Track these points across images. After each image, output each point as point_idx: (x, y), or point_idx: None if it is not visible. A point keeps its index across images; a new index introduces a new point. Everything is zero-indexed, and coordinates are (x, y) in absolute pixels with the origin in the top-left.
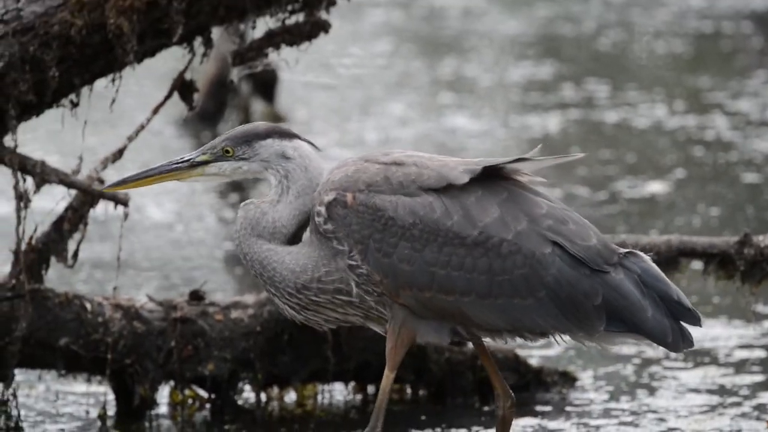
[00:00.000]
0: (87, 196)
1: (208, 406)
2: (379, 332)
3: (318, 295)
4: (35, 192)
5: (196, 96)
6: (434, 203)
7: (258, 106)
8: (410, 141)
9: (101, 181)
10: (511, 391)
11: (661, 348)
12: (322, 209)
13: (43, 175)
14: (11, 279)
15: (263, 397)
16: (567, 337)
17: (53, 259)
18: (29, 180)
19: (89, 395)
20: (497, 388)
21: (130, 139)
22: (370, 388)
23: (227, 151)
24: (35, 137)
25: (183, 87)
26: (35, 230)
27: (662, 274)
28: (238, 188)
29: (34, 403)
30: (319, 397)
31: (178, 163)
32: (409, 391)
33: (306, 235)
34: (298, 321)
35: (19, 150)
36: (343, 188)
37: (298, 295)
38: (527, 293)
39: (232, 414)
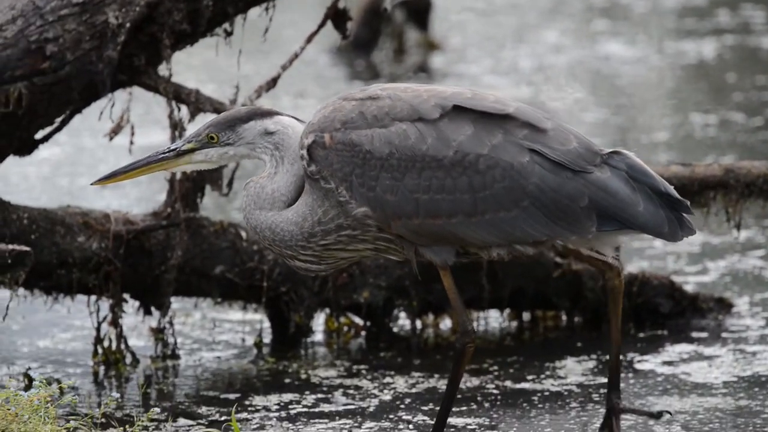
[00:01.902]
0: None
1: (363, 333)
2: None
3: (325, 237)
4: (190, 121)
5: (349, 24)
6: (408, 130)
7: (412, 33)
8: (564, 68)
9: None
10: (616, 263)
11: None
12: (305, 152)
13: (198, 103)
14: (166, 208)
15: (418, 324)
16: (561, 243)
17: (208, 188)
18: (184, 109)
19: (245, 323)
20: (601, 266)
21: (284, 67)
22: (525, 315)
23: (212, 138)
24: (189, 66)
25: (337, 15)
26: None
27: (648, 168)
28: None
29: (190, 330)
30: (474, 324)
31: (164, 153)
32: (564, 318)
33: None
34: (322, 274)
35: (173, 79)
36: (321, 129)
37: (308, 245)
38: (512, 205)
39: (387, 341)
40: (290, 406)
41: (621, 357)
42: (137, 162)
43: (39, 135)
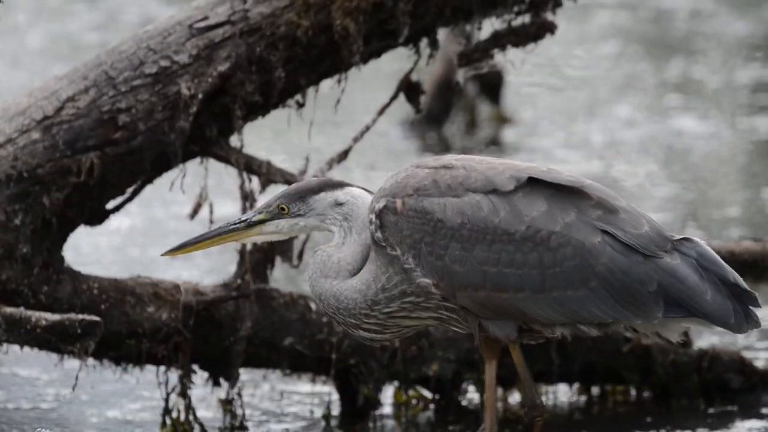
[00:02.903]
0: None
1: (432, 406)
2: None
3: (388, 305)
4: (261, 192)
5: (422, 97)
6: (481, 202)
7: (484, 107)
8: (636, 143)
9: None
10: (539, 401)
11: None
12: (373, 217)
13: (269, 175)
14: (236, 279)
15: None
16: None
17: (278, 259)
18: (255, 180)
19: (314, 395)
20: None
21: (356, 140)
22: (595, 390)
23: (283, 209)
24: (261, 137)
25: (409, 88)
26: None
27: (718, 258)
28: None
29: (259, 402)
30: (544, 398)
31: (235, 224)
32: (633, 393)
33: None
34: (386, 343)
35: (245, 150)
36: (392, 194)
37: (372, 313)
38: (580, 284)
39: (456, 415)
40: None
41: None
42: (208, 233)
43: (110, 205)
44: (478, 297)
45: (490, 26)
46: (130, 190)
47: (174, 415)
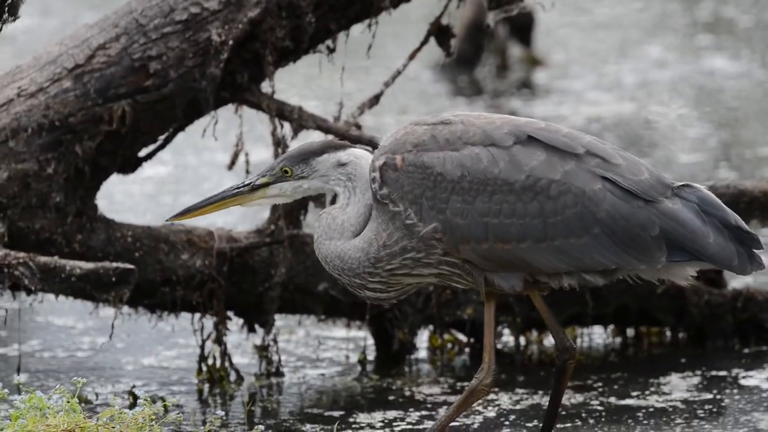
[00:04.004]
0: (345, 142)
1: (467, 350)
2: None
3: (390, 262)
4: (293, 138)
5: (452, 41)
6: (480, 154)
7: (515, 49)
8: (667, 84)
9: (358, 127)
10: (569, 344)
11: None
12: (376, 175)
13: (301, 120)
14: (270, 225)
15: (522, 340)
16: (631, 273)
17: (311, 205)
18: (287, 126)
19: (349, 340)
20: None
21: (387, 84)
22: (629, 332)
23: (286, 172)
24: (292, 83)
25: (440, 32)
26: None
27: (719, 202)
28: None
29: (294, 348)
30: (578, 341)
31: (239, 187)
32: (668, 334)
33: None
34: (390, 302)
35: (276, 96)
36: (392, 151)
37: (375, 271)
38: (582, 231)
39: None
40: (394, 424)
41: (721, 374)
42: (212, 197)
43: (142, 153)
44: (480, 249)
45: None
46: (161, 137)
47: (209, 361)
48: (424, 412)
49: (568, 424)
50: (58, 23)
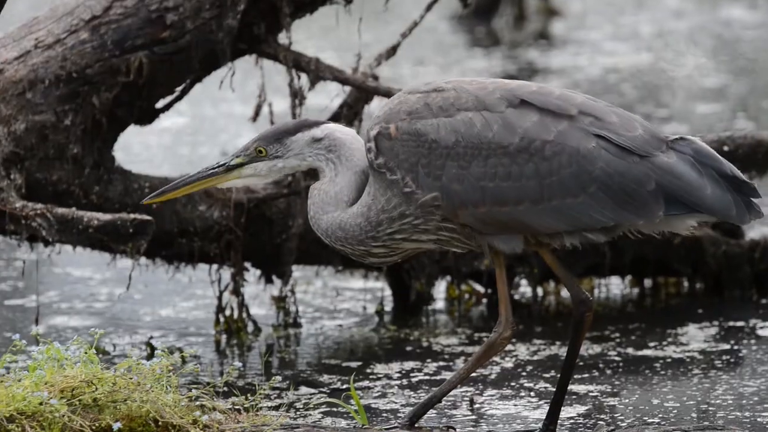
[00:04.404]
0: (361, 93)
1: (484, 300)
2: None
3: (390, 225)
4: (310, 89)
5: None
6: (473, 118)
7: (532, 0)
8: (684, 33)
9: (375, 78)
10: (585, 296)
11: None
12: (372, 144)
13: (318, 71)
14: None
15: (539, 291)
16: (632, 228)
17: None
18: (304, 77)
19: (366, 291)
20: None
21: (404, 35)
22: (647, 282)
23: (260, 152)
24: (309, 35)
25: None
26: None
27: (714, 153)
28: None
29: (312, 299)
30: (596, 291)
31: (213, 168)
32: (686, 284)
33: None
34: (398, 260)
35: (293, 47)
36: (386, 120)
37: (378, 235)
38: (579, 190)
39: None
40: (411, 374)
41: (739, 324)
42: (186, 178)
43: (159, 104)
44: (479, 213)
45: None
46: (178, 89)
47: (227, 312)
48: (441, 363)
49: (586, 375)
50: None
